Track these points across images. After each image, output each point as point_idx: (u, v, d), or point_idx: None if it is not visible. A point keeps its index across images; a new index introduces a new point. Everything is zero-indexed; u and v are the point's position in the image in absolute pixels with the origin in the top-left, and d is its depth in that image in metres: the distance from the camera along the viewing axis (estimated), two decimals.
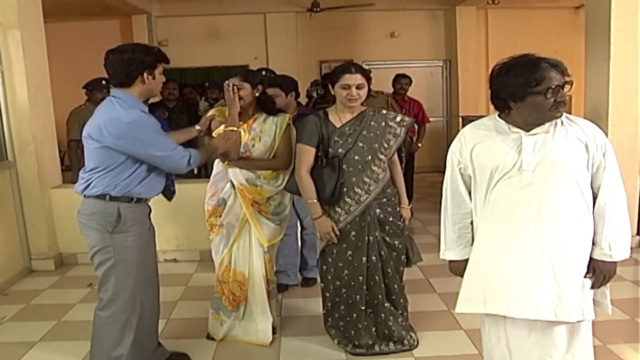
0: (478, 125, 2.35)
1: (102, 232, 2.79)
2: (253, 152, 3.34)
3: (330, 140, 3.16)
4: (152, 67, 2.75)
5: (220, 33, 9.67)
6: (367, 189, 3.16)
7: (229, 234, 3.42)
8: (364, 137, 3.17)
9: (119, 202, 2.78)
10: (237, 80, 3.26)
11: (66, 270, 5.27)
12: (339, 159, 3.14)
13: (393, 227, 3.26)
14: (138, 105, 2.76)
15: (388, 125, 3.22)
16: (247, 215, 3.36)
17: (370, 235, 3.19)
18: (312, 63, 9.86)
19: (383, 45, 9.82)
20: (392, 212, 3.26)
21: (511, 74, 2.14)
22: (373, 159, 3.16)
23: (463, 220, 2.41)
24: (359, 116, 3.23)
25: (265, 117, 3.38)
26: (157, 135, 2.76)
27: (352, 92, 3.11)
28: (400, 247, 3.29)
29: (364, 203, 3.17)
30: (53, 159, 5.46)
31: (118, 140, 2.67)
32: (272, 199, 3.42)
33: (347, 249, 3.23)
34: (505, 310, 2.24)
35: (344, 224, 3.19)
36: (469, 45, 9.73)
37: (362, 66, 3.20)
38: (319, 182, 3.17)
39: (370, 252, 3.21)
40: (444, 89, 10.30)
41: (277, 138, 3.36)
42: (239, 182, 3.35)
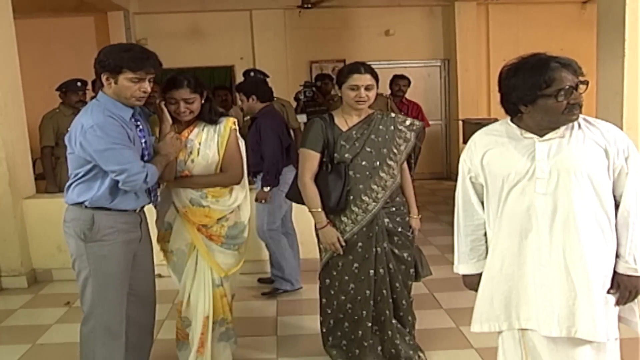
0: (489, 131, 2.35)
1: (77, 239, 2.82)
2: (193, 169, 3.11)
3: (336, 145, 3.16)
4: (112, 72, 2.72)
5: (203, 31, 9.63)
6: (375, 197, 3.16)
7: (180, 261, 3.25)
8: (372, 142, 3.17)
9: (95, 209, 2.80)
10: (188, 93, 3.02)
11: (40, 288, 5.20)
12: (346, 165, 3.13)
13: (402, 238, 3.26)
14: (111, 108, 2.75)
15: (397, 129, 3.22)
16: (194, 242, 3.19)
17: (378, 246, 3.19)
18: (301, 63, 9.85)
19: (377, 44, 9.81)
20: (401, 222, 3.26)
21: (519, 76, 2.14)
22: (381, 164, 3.17)
23: (476, 232, 2.41)
24: (367, 119, 3.23)
25: (204, 125, 3.14)
26: (114, 145, 2.69)
27: (361, 94, 3.11)
28: (409, 259, 3.29)
29: (372, 212, 3.16)
30: (26, 167, 5.41)
31: (79, 147, 2.71)
32: (225, 219, 3.20)
33: (354, 261, 3.21)
34: (533, 326, 2.23)
35: (350, 234, 3.19)
36: (468, 44, 9.74)
37: (370, 66, 3.19)
38: (323, 190, 3.16)
39: (378, 265, 3.21)
40: (442, 90, 10.31)
41: (220, 148, 3.13)
42: (182, 204, 3.14)
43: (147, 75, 2.75)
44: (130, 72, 2.71)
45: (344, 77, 3.14)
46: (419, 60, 10.05)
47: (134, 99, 2.77)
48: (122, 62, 2.70)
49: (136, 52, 2.75)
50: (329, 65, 9.89)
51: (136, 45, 2.84)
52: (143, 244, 3.00)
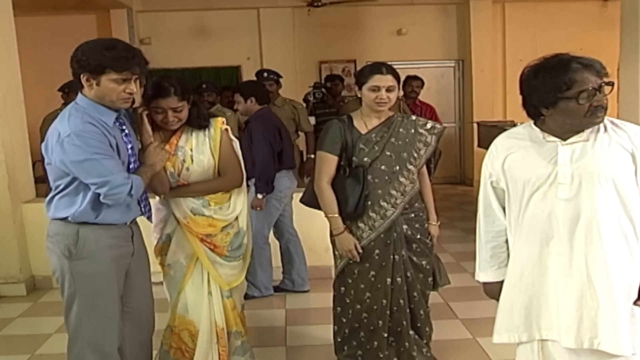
0: (511, 134, 2.34)
1: (60, 257, 2.70)
2: (189, 178, 3.05)
3: (355, 148, 3.15)
4: (93, 72, 2.56)
5: (209, 30, 9.63)
6: (394, 203, 3.15)
7: (177, 275, 3.18)
8: (392, 145, 3.17)
9: (80, 224, 2.67)
10: (176, 101, 2.92)
11: (40, 296, 5.17)
12: (364, 169, 3.13)
13: (421, 245, 3.25)
14: (92, 112, 2.61)
15: (418, 133, 3.22)
16: (197, 254, 3.13)
17: (396, 254, 3.18)
18: (310, 64, 9.85)
19: (389, 44, 9.79)
20: (419, 229, 3.25)
21: (539, 78, 2.12)
22: (401, 169, 3.16)
23: (497, 239, 2.40)
24: (387, 122, 3.22)
25: (192, 130, 3.07)
26: (94, 156, 2.55)
27: (382, 95, 3.10)
28: (427, 267, 3.28)
29: (390, 218, 3.16)
30: (26, 170, 5.39)
31: (56, 157, 2.59)
32: (230, 226, 3.15)
33: (370, 268, 3.20)
34: (554, 337, 2.22)
35: (368, 241, 3.18)
36: (484, 43, 9.71)
37: (392, 66, 3.19)
38: (340, 195, 3.15)
39: (396, 273, 3.20)
40: (456, 91, 10.30)
41: (214, 152, 3.07)
42: (183, 215, 3.07)
43: (133, 75, 2.60)
44: (114, 72, 2.55)
45: (365, 77, 3.14)
46: (433, 61, 10.02)
47: (120, 101, 2.63)
48: (105, 62, 2.53)
49: (120, 49, 2.58)
50: (339, 66, 9.90)
51: (119, 42, 2.65)
52: (136, 258, 2.90)
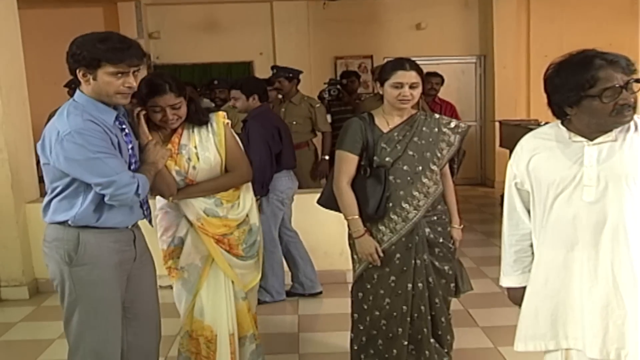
0: (537, 134, 2.34)
1: (59, 263, 2.68)
2: (197, 176, 3.06)
3: (376, 147, 3.14)
4: (89, 66, 2.53)
5: (220, 24, 9.63)
6: (417, 205, 3.14)
7: (192, 277, 3.19)
8: (415, 145, 3.16)
9: (81, 228, 2.65)
10: (173, 98, 2.93)
11: (43, 300, 5.19)
12: (386, 169, 3.12)
13: (443, 249, 3.24)
14: (91, 110, 2.59)
15: (441, 132, 3.21)
16: (213, 256, 3.15)
17: (418, 258, 3.17)
18: (325, 59, 9.85)
19: (407, 39, 9.75)
20: (442, 232, 3.24)
21: (562, 75, 2.13)
22: (424, 169, 3.15)
23: (521, 242, 2.41)
24: (409, 120, 3.21)
25: (193, 127, 3.08)
26: (97, 155, 2.53)
27: (405, 92, 3.08)
28: (450, 273, 3.26)
29: (412, 221, 3.14)
30: (29, 169, 5.38)
31: (55, 157, 2.56)
32: (245, 223, 3.19)
33: (390, 273, 3.19)
34: (579, 346, 2.22)
35: (389, 244, 3.16)
36: (507, 38, 9.65)
37: (415, 62, 3.17)
38: (361, 196, 3.14)
39: (417, 278, 3.18)
40: (477, 89, 10.29)
41: (219, 148, 3.09)
42: (196, 217, 3.09)
43: (131, 68, 2.56)
44: (110, 65, 2.52)
45: (387, 73, 3.12)
46: (453, 57, 9.98)
47: (119, 96, 2.59)
48: (99, 54, 2.51)
49: (114, 41, 2.55)
50: (355, 62, 9.89)
51: (113, 34, 2.63)
52: (139, 262, 2.88)
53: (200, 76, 9.35)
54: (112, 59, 2.51)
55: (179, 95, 2.94)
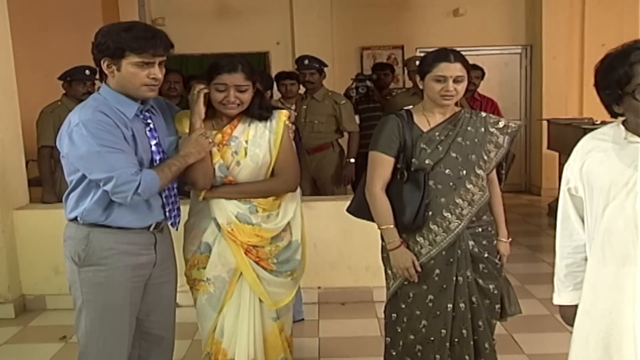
0: (596, 134, 2.35)
1: (71, 262, 2.85)
2: (238, 174, 3.13)
3: (415, 148, 3.14)
4: (113, 56, 2.70)
5: (232, 11, 9.66)
6: (459, 214, 3.13)
7: (218, 291, 3.23)
8: (459, 146, 3.15)
9: (91, 227, 2.81)
10: (242, 79, 3.04)
11: (31, 319, 5.20)
12: (425, 173, 3.12)
13: (489, 265, 3.23)
14: (112, 103, 2.76)
15: (489, 132, 3.21)
16: (240, 268, 3.18)
17: (460, 274, 3.15)
18: (350, 50, 9.86)
19: (443, 27, 9.74)
20: (488, 246, 3.22)
21: (602, 70, 2.17)
22: (469, 174, 3.15)
23: (573, 255, 2.43)
24: (452, 118, 3.21)
25: (250, 121, 3.18)
26: (100, 148, 2.67)
27: (449, 87, 3.08)
28: (495, 292, 3.25)
29: (455, 232, 3.13)
30: (18, 171, 5.41)
31: (65, 148, 2.75)
32: (279, 238, 3.23)
33: (428, 292, 3.18)
34: None
35: (427, 258, 3.15)
36: (558, 26, 9.56)
37: (461, 53, 3.17)
38: (397, 203, 3.14)
39: (458, 298, 3.17)
40: (522, 83, 10.25)
41: (273, 148, 3.17)
42: (226, 220, 3.14)
43: (155, 57, 2.72)
44: (135, 55, 2.68)
45: (428, 66, 3.12)
46: (495, 47, 9.94)
47: (145, 89, 2.75)
48: (123, 44, 2.66)
49: (139, 30, 2.71)
50: (384, 53, 9.91)
51: (139, 23, 2.81)
52: (160, 269, 2.98)
53: None
54: (136, 48, 2.67)
55: (248, 78, 3.05)
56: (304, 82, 6.09)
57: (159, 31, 2.77)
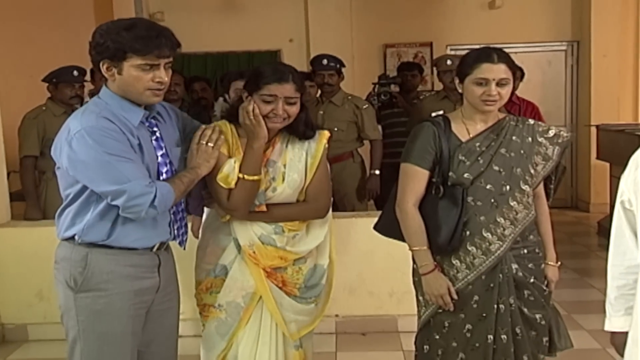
0: None
1: (65, 288, 2.84)
2: (273, 199, 3.17)
3: (453, 160, 3.14)
4: (113, 58, 2.71)
5: (239, 3, 9.71)
6: (501, 234, 3.12)
7: (230, 319, 3.24)
8: (502, 158, 3.15)
9: (90, 247, 2.81)
10: (293, 90, 3.07)
11: (10, 351, 5.21)
12: (464, 188, 3.11)
13: (535, 292, 3.21)
14: (115, 109, 2.77)
15: (537, 142, 3.21)
16: (260, 292, 3.20)
17: (502, 302, 3.13)
18: (372, 48, 9.88)
19: (477, 21, 9.77)
20: (534, 270, 3.21)
21: None
22: (513, 190, 3.14)
23: (626, 276, 2.42)
24: (495, 127, 3.21)
25: (288, 140, 3.22)
26: (108, 157, 2.67)
27: (491, 91, 3.07)
28: (542, 323, 3.22)
29: (495, 254, 3.12)
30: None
31: (65, 159, 2.73)
32: (302, 260, 3.25)
33: (466, 321, 3.17)
34: None
35: (464, 283, 3.14)
36: (608, 19, 9.53)
37: (506, 52, 3.15)
38: (431, 221, 3.14)
39: (500, 328, 3.14)
40: (568, 84, 10.24)
41: (309, 171, 3.21)
42: (249, 242, 3.15)
43: (160, 59, 2.72)
44: (137, 56, 2.68)
45: (469, 67, 3.12)
46: (537, 43, 9.93)
47: (149, 93, 2.76)
48: (124, 44, 2.66)
49: (142, 28, 2.70)
50: (410, 51, 9.93)
51: (141, 20, 2.82)
52: (163, 294, 3.00)
53: (215, 68, 9.44)
54: (139, 49, 2.66)
55: (298, 89, 3.08)
56: (321, 85, 6.07)
57: (164, 29, 2.76)
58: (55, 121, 5.44)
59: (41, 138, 5.75)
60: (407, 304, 3.63)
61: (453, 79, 5.98)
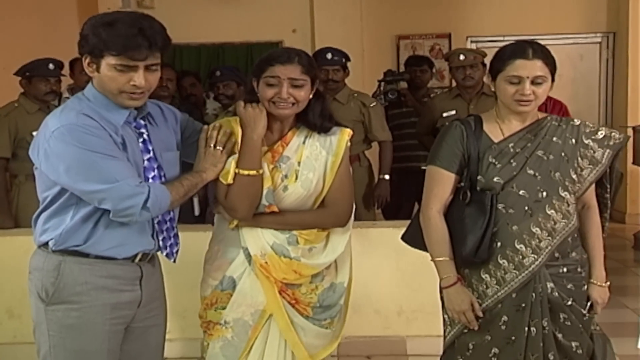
0: None
1: (37, 299, 2.86)
2: (282, 201, 3.17)
3: (482, 163, 3.15)
4: (92, 54, 2.73)
5: None
6: (536, 247, 3.10)
7: (237, 339, 3.23)
8: (539, 161, 3.14)
9: (64, 255, 2.82)
10: (298, 71, 3.08)
11: None
12: (494, 194, 3.11)
13: (572, 317, 3.18)
14: (98, 107, 2.79)
15: (582, 144, 3.19)
16: (271, 310, 3.20)
17: (534, 325, 3.11)
18: (385, 40, 9.92)
19: (501, 10, 9.78)
20: (574, 292, 3.19)
21: None
22: (550, 196, 3.12)
23: None
24: (533, 126, 3.21)
25: (306, 135, 3.24)
26: (91, 154, 2.68)
27: (525, 90, 3.06)
28: (579, 352, 3.20)
29: (529, 269, 3.10)
30: None
31: (43, 159, 2.75)
32: (320, 277, 3.26)
33: (492, 343, 3.17)
34: None
35: (493, 301, 3.14)
36: None
37: (544, 47, 3.13)
38: (456, 230, 3.16)
39: (530, 354, 3.13)
40: (602, 80, 10.26)
41: (329, 173, 3.22)
42: (260, 252, 3.15)
43: (137, 61, 2.70)
44: (112, 56, 2.68)
45: (501, 62, 3.12)
46: (568, 35, 9.94)
47: (124, 96, 2.76)
48: (101, 41, 2.67)
49: (124, 24, 2.69)
50: (426, 43, 9.94)
51: (126, 16, 2.78)
52: (146, 310, 2.99)
53: (210, 62, 9.43)
54: (113, 48, 2.66)
55: (306, 71, 3.08)
56: (325, 81, 6.02)
57: (150, 27, 2.72)
58: (29, 119, 5.53)
59: (13, 138, 5.76)
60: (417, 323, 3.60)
61: (466, 75, 6.04)
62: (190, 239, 4.36)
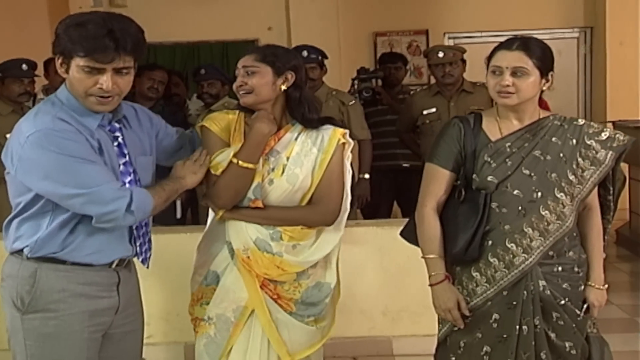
0: None
1: (12, 308, 2.83)
2: (268, 195, 3.20)
3: (477, 161, 3.16)
4: (63, 55, 2.72)
5: None
6: (527, 246, 3.10)
7: (219, 336, 3.26)
8: (535, 161, 3.14)
9: (40, 262, 2.80)
10: (250, 59, 3.16)
11: None
12: (488, 193, 3.12)
13: (565, 316, 3.18)
14: (70, 109, 2.78)
15: (584, 145, 3.18)
16: (252, 305, 3.21)
17: (525, 323, 3.11)
18: (361, 37, 9.93)
19: (479, 6, 9.82)
20: (569, 292, 3.18)
21: None
22: (545, 197, 3.12)
23: None
24: (533, 126, 3.20)
25: (299, 132, 3.26)
26: (68, 159, 2.66)
27: (503, 81, 3.07)
28: (572, 353, 3.19)
29: (519, 268, 3.10)
30: None
31: (18, 164, 2.73)
32: (305, 275, 3.27)
33: (483, 341, 3.17)
34: None
35: (483, 299, 3.14)
36: (625, 3, 9.54)
37: (536, 39, 3.19)
38: (449, 227, 3.18)
39: (521, 352, 3.13)
40: (580, 76, 10.34)
41: (317, 169, 3.22)
42: (243, 246, 3.18)
43: (104, 64, 2.67)
44: (79, 57, 2.67)
45: (490, 55, 3.17)
46: (546, 30, 9.67)
47: (91, 99, 2.74)
48: (71, 41, 2.66)
49: (95, 24, 2.67)
50: (404, 39, 9.96)
51: (97, 16, 2.75)
52: (123, 316, 2.98)
53: (185, 61, 9.46)
54: (79, 49, 2.64)
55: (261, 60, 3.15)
56: None
57: (120, 28, 2.68)
58: (2, 121, 5.49)
59: None
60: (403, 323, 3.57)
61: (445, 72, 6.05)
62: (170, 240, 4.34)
